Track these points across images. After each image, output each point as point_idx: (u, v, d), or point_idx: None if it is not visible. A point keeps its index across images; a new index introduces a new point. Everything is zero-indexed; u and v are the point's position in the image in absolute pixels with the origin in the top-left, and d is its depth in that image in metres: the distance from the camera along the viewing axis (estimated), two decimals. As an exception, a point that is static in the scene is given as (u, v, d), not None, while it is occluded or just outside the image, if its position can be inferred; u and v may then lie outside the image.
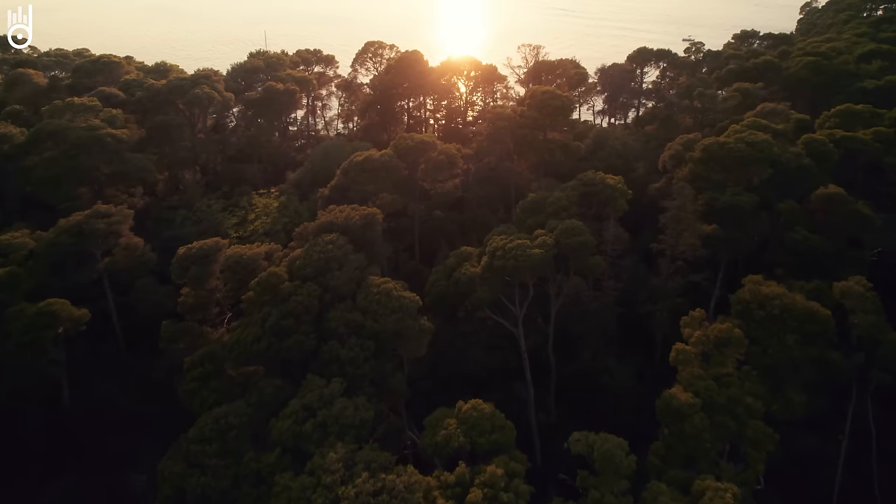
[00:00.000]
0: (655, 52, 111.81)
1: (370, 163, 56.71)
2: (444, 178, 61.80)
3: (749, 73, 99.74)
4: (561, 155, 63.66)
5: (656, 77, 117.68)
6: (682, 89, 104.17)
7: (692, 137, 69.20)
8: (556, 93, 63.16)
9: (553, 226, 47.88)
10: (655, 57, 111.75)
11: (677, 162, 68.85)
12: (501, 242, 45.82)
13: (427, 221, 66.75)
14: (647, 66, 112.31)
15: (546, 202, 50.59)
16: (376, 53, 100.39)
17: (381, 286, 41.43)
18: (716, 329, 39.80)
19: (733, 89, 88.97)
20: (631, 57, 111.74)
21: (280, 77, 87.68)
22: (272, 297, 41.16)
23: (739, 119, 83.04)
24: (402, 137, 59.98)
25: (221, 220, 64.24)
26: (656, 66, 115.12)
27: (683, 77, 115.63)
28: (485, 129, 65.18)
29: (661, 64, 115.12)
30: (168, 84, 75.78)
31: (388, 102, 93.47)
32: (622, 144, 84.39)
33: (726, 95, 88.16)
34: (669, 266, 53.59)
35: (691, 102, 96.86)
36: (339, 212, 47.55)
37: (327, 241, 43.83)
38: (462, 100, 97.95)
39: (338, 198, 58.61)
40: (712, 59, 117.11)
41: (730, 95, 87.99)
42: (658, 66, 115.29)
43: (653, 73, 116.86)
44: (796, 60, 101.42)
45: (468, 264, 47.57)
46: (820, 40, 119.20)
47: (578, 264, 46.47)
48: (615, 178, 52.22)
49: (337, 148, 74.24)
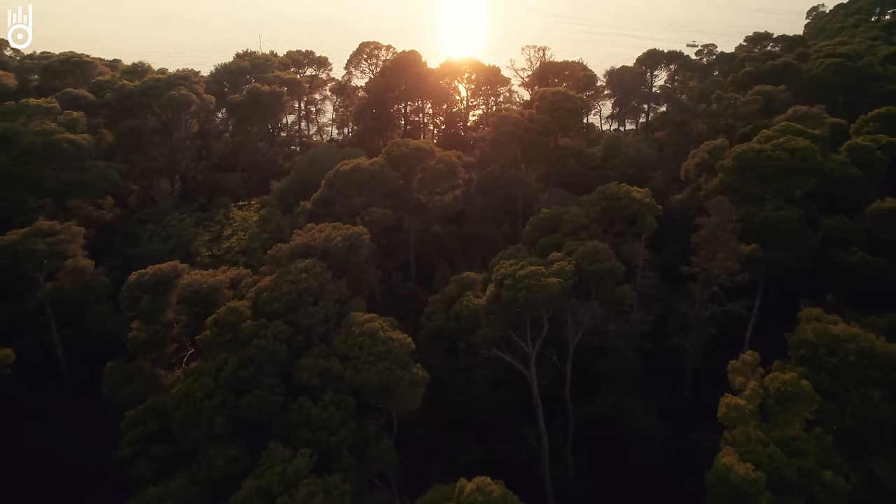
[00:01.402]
0: (666, 55, 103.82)
1: (359, 173, 48.38)
2: (444, 190, 53.47)
3: (766, 76, 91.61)
4: (574, 163, 55.33)
5: (664, 81, 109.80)
6: (696, 93, 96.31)
7: (719, 144, 61.01)
8: (568, 94, 54.96)
9: (571, 248, 39.48)
10: (666, 59, 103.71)
11: (702, 171, 60.62)
12: (511, 269, 37.42)
13: (424, 237, 58.41)
14: (657, 69, 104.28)
15: (562, 219, 42.20)
16: (372, 55, 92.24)
17: (365, 325, 32.96)
18: (777, 380, 31.31)
19: (754, 92, 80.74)
20: (640, 59, 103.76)
21: (267, 79, 79.43)
22: (232, 339, 32.76)
23: (765, 124, 75.09)
24: (395, 144, 51.70)
25: (193, 236, 55.83)
26: (666, 69, 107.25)
27: (694, 81, 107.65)
28: (488, 135, 56.90)
29: (671, 67, 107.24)
30: (142, 85, 67.46)
31: (383, 106, 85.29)
32: (636, 151, 76.20)
33: (747, 99, 79.90)
34: (703, 292, 45.15)
35: (708, 106, 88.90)
36: (318, 231, 39.14)
37: (301, 268, 35.41)
38: (463, 104, 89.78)
39: (322, 212, 50.29)
40: (725, 61, 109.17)
41: (751, 99, 79.74)
42: (668, 69, 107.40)
43: (661, 76, 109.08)
44: (817, 62, 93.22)
45: (471, 294, 39.11)
46: (833, 43, 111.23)
47: (603, 295, 38.01)
48: (641, 192, 43.87)
49: (326, 155, 65.90)
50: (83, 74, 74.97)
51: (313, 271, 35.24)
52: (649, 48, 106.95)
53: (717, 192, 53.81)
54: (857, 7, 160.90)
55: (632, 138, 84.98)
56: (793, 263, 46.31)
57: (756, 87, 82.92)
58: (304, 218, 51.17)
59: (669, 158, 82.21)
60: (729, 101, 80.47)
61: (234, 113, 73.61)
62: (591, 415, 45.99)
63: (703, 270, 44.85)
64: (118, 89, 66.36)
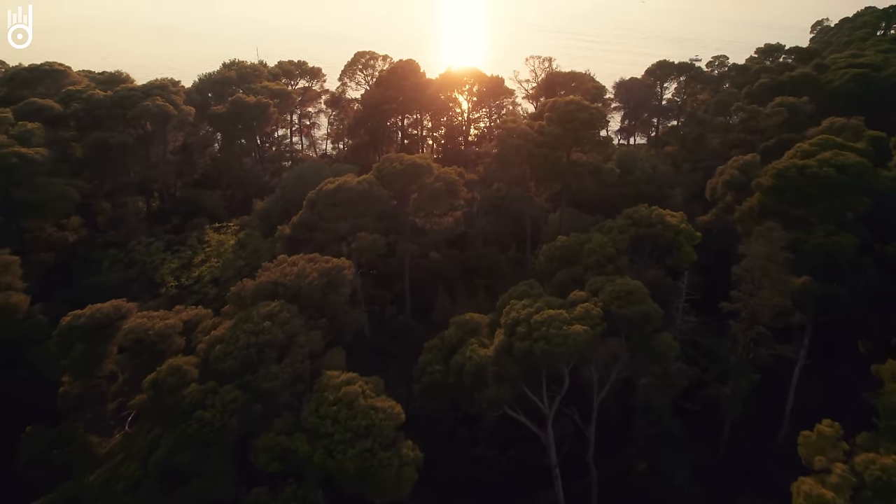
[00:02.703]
0: (677, 66, 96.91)
1: (344, 192, 41.04)
2: (442, 211, 46.09)
3: (784, 88, 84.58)
4: (591, 181, 47.97)
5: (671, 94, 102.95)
6: (710, 105, 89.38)
7: (750, 160, 53.73)
8: (582, 103, 47.86)
9: (596, 285, 31.97)
10: (677, 71, 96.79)
11: (732, 190, 53.29)
12: (524, 312, 29.93)
13: (421, 263, 50.97)
14: (667, 81, 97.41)
15: (583, 249, 34.73)
16: (368, 65, 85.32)
17: (341, 390, 25.38)
18: (875, 465, 23.69)
19: (777, 104, 73.63)
20: (650, 71, 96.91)
21: (255, 90, 72.40)
22: (174, 406, 25.19)
23: (791, 138, 68.10)
24: (388, 160, 44.44)
25: (159, 262, 48.40)
26: (676, 81, 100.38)
27: (704, 93, 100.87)
28: (493, 150, 49.66)
29: (680, 79, 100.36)
30: (113, 95, 60.43)
31: (379, 119, 78.21)
32: (652, 167, 68.94)
33: (770, 111, 72.76)
34: (746, 333, 37.52)
35: (726, 119, 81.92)
36: (290, 266, 31.66)
37: (265, 314, 27.88)
38: (464, 116, 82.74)
39: (303, 238, 42.91)
40: (738, 73, 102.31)
41: (773, 111, 72.59)
42: (678, 80, 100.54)
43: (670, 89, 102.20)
44: (839, 73, 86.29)
45: (475, 342, 31.49)
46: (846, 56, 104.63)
47: (637, 344, 30.44)
48: (676, 216, 36.51)
49: (313, 171, 58.61)
50: (54, 84, 67.93)
51: (279, 318, 27.71)
52: (652, 62, 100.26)
53: (753, 214, 46.48)
54: (862, 21, 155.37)
55: (644, 153, 77.81)
56: (852, 298, 38.71)
57: (777, 98, 75.93)
58: (283, 244, 43.78)
59: (686, 175, 75.12)
60: (751, 114, 73.43)
61: (215, 126, 66.53)
62: (612, 473, 38.29)
63: (747, 307, 37.29)
64: (86, 99, 59.24)
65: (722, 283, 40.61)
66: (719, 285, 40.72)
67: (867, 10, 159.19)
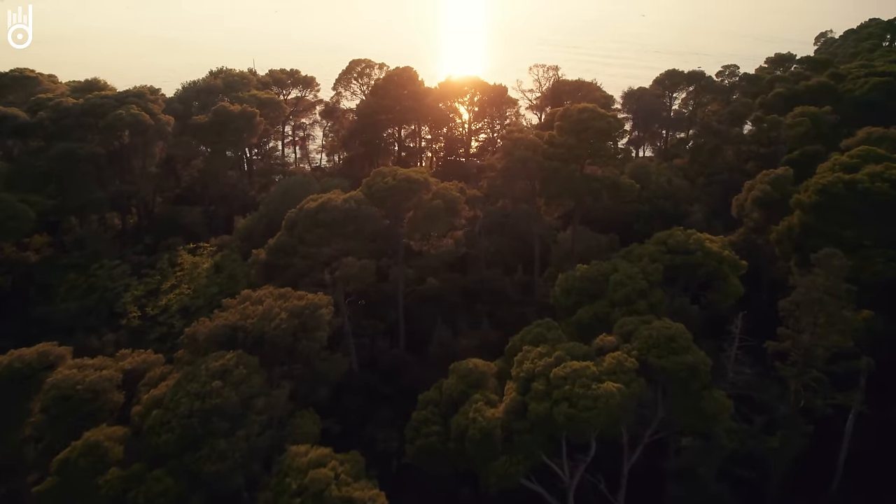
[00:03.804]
0: (686, 75, 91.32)
1: (328, 212, 34.94)
2: (441, 231, 39.99)
3: (801, 97, 78.83)
4: (608, 198, 41.91)
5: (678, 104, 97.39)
6: (723, 116, 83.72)
7: (782, 174, 47.75)
8: (597, 111, 41.99)
9: (627, 327, 25.76)
10: (686, 80, 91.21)
11: (762, 207, 47.24)
12: (541, 363, 23.70)
13: (417, 290, 44.73)
14: (676, 91, 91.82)
15: (609, 280, 28.53)
16: (363, 73, 79.59)
17: (309, 474, 19.11)
18: None
19: (798, 114, 67.88)
20: (658, 80, 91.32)
21: (242, 98, 66.60)
22: (86, 500, 18.91)
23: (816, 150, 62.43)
24: (379, 174, 38.41)
25: (122, 289, 42.21)
26: (684, 91, 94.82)
27: (715, 104, 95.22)
28: (498, 163, 43.65)
29: (689, 88, 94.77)
30: (83, 103, 54.59)
31: (374, 130, 72.36)
32: (667, 181, 63.05)
33: (791, 122, 66.99)
34: (799, 378, 31.26)
35: (741, 130, 76.34)
36: (255, 303, 25.44)
37: (216, 370, 21.65)
38: (464, 127, 76.92)
39: (281, 263, 36.75)
40: (749, 83, 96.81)
41: (795, 121, 66.79)
42: (687, 90, 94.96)
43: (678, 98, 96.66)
44: (859, 83, 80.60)
45: (480, 398, 25.19)
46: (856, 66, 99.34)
47: (682, 404, 24.17)
48: (716, 241, 30.35)
49: (300, 186, 52.60)
50: (25, 92, 62.19)
51: (234, 375, 21.48)
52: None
53: (793, 235, 40.42)
54: (867, 33, 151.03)
55: (656, 165, 71.98)
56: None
57: (797, 108, 70.19)
58: (258, 271, 37.63)
59: (703, 189, 69.20)
60: (771, 124, 67.67)
61: (197, 136, 60.61)
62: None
63: (798, 348, 31.07)
64: (53, 107, 53.38)
65: (755, 314, 34.52)
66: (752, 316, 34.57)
67: (871, 21, 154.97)
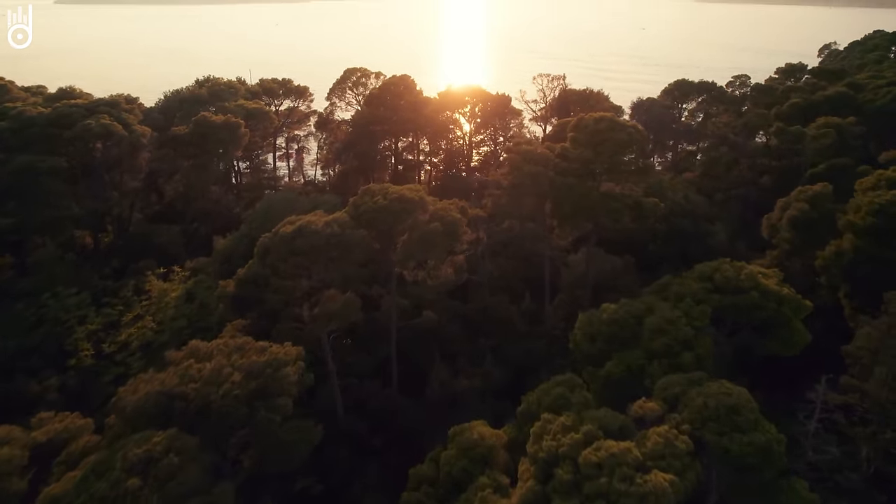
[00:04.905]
0: (696, 86, 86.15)
1: (306, 237, 29.28)
2: (439, 258, 34.27)
3: (820, 108, 73.70)
4: (630, 219, 36.22)
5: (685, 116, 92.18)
6: (738, 127, 78.41)
7: (821, 191, 42.18)
8: (616, 120, 36.53)
9: (672, 389, 19.99)
10: (697, 90, 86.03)
11: (800, 228, 41.57)
12: (566, 441, 17.91)
13: (412, 322, 38.90)
14: (686, 102, 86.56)
15: (645, 324, 22.78)
16: (359, 83, 74.34)
17: None
18: None
19: (822, 125, 62.62)
20: (668, 91, 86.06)
21: (228, 108, 61.25)
22: None
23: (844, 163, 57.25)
24: (368, 193, 32.79)
25: (75, 322, 36.45)
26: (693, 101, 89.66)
27: (725, 115, 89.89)
28: (504, 178, 38.05)
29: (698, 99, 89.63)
30: (50, 113, 49.27)
31: (369, 142, 66.92)
32: (684, 197, 57.48)
33: (815, 133, 61.70)
34: (873, 440, 25.49)
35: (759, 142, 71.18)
36: (199, 362, 19.65)
37: (136, 459, 15.84)
38: (465, 139, 71.55)
39: (252, 298, 31.02)
40: (761, 93, 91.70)
41: (820, 133, 61.52)
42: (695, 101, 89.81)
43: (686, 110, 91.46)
44: (881, 92, 75.50)
45: (488, 481, 19.33)
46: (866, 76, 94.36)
47: (749, 497, 18.31)
48: (770, 275, 24.60)
49: (285, 203, 47.03)
50: (-9, 101, 56.82)
51: (161, 468, 15.68)
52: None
53: (843, 261, 34.76)
54: (873, 44, 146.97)
55: (670, 179, 66.47)
56: None
57: (820, 119, 64.88)
58: (226, 306, 31.92)
59: (722, 206, 63.65)
60: (794, 136, 62.31)
61: (177, 149, 55.15)
62: None
63: (872, 404, 25.28)
64: (14, 117, 47.98)
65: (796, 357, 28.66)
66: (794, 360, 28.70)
67: (876, 33, 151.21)
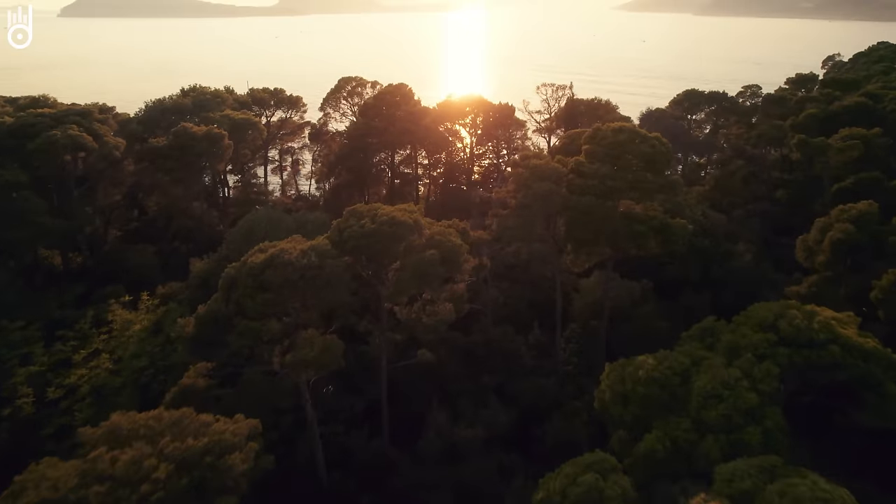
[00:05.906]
0: (707, 96, 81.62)
1: (278, 270, 24.29)
2: (436, 289, 29.22)
3: (838, 118, 69.25)
4: (656, 245, 31.28)
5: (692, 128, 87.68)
6: (752, 138, 73.83)
7: (867, 209, 37.19)
8: (638, 131, 31.80)
9: (741, 483, 14.90)
10: (707, 101, 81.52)
11: (843, 252, 36.59)
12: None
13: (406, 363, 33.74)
14: (696, 112, 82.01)
15: (694, 388, 17.66)
16: (354, 92, 69.78)
17: None
18: None
19: (847, 136, 57.98)
20: (677, 101, 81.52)
21: (212, 119, 56.59)
22: None
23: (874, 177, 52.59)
24: (353, 215, 27.81)
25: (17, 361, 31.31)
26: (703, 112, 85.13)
27: (735, 126, 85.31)
28: (511, 196, 33.12)
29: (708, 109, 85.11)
30: (13, 122, 44.50)
31: (364, 154, 62.24)
32: (701, 214, 52.56)
33: (841, 145, 57.00)
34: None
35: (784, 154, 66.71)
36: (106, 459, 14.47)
37: None
38: (466, 152, 66.86)
39: (214, 339, 25.94)
40: (772, 104, 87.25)
41: (846, 145, 56.82)
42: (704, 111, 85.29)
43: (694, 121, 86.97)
44: (903, 102, 70.94)
45: None
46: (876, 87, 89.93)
47: None
48: (846, 322, 19.49)
49: (267, 223, 42.05)
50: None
51: None
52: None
53: None
54: (878, 55, 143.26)
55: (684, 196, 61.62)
56: None
57: (843, 130, 60.24)
58: (187, 349, 26.84)
59: (741, 223, 58.66)
60: (818, 148, 57.59)
61: (154, 161, 50.39)
62: None
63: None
64: (-27, 128, 43.26)
65: (842, 399, 23.47)
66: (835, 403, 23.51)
67: (881, 44, 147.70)
